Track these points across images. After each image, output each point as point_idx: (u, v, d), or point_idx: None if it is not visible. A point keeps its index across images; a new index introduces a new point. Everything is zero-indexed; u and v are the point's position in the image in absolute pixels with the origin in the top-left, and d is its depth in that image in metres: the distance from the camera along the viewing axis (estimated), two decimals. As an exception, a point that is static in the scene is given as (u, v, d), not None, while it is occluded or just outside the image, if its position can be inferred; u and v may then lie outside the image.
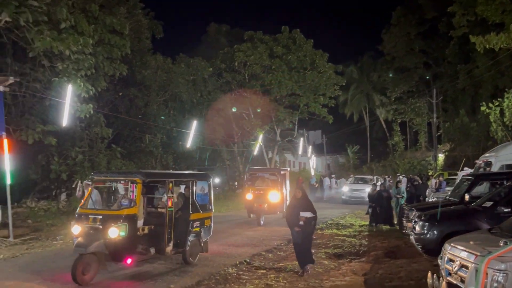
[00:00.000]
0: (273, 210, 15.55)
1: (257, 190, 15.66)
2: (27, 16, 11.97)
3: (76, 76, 13.91)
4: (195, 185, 9.05)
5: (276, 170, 16.52)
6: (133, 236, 7.54)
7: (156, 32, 23.59)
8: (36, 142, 14.66)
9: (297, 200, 8.39)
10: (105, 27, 15.43)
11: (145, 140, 20.97)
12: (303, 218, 8.10)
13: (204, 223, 9.18)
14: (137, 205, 7.69)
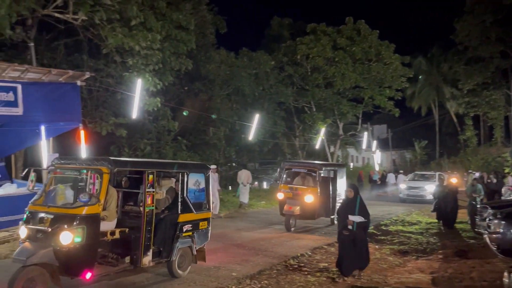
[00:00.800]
0: (308, 215, 12.44)
1: (289, 189, 12.82)
2: (101, 15, 12.72)
3: (145, 71, 14.58)
4: (187, 178, 7.33)
5: (316, 166, 12.88)
6: (94, 243, 5.90)
7: (220, 27, 24.02)
8: (108, 133, 15.59)
9: (348, 201, 7.64)
10: (172, 23, 15.98)
11: (209, 133, 21.50)
12: (351, 222, 7.31)
13: (198, 226, 7.50)
14: (100, 201, 5.98)
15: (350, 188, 7.66)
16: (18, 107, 9.93)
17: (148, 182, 6.55)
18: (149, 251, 6.64)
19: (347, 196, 7.68)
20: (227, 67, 23.11)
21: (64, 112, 11.07)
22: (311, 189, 12.43)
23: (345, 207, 7.58)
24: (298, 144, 30.76)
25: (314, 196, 12.29)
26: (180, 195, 7.25)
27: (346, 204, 7.62)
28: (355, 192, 7.57)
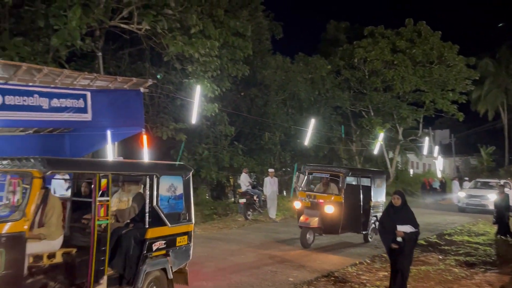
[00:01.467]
0: (330, 228, 10.66)
1: (306, 197, 11.04)
2: (163, 24, 13.26)
3: (204, 77, 14.97)
4: (157, 182, 5.85)
5: (341, 171, 11.06)
6: (18, 272, 4.47)
7: (276, 33, 24.17)
8: (169, 138, 16.16)
9: (394, 210, 6.72)
10: (229, 30, 16.31)
11: (264, 138, 21.63)
12: (401, 233, 6.46)
13: (175, 243, 6.10)
14: (27, 216, 4.53)
15: (397, 195, 6.73)
16: (87, 113, 10.55)
17: (99, 188, 5.10)
18: (103, 278, 5.11)
19: (392, 204, 6.78)
20: (283, 72, 23.17)
21: (129, 117, 11.63)
22: (334, 198, 10.58)
23: (392, 217, 6.71)
24: (355, 150, 30.11)
25: (336, 206, 10.38)
26: (148, 205, 5.79)
27: (392, 213, 6.73)
28: (403, 198, 6.74)
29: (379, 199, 11.87)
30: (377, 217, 11.08)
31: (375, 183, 11.71)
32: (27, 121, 9.86)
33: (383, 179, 12.60)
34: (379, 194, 11.89)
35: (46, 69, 9.80)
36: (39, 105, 9.62)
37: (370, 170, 14.27)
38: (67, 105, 10.15)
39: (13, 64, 9.45)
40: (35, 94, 9.56)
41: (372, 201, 11.39)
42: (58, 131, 13.71)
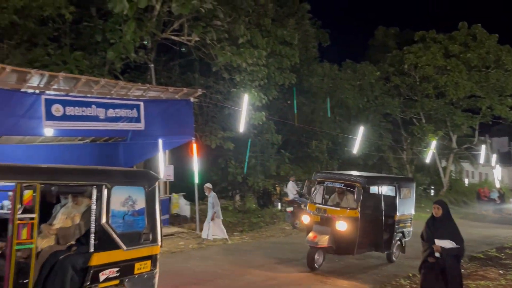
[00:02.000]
0: (344, 248, 8.94)
1: (316, 211, 9.31)
2: (212, 35, 13.61)
3: (251, 86, 15.17)
4: (108, 194, 4.82)
5: (357, 180, 9.14)
6: None
7: (322, 41, 24.06)
8: (217, 146, 16.45)
9: (434, 221, 5.99)
10: (276, 39, 16.45)
11: (311, 146, 21.49)
12: (438, 248, 5.76)
13: (133, 270, 4.99)
14: None
15: (438, 205, 5.98)
16: (140, 123, 11.01)
17: (21, 202, 4.06)
18: None
19: (434, 215, 6.03)
20: (330, 80, 22.98)
21: (179, 126, 12.01)
22: (348, 213, 8.87)
23: (431, 229, 5.96)
24: (406, 158, 29.20)
25: (351, 222, 8.72)
26: (95, 222, 4.70)
27: (432, 225, 5.98)
28: (444, 209, 5.96)
29: (406, 212, 10.15)
30: (403, 233, 9.97)
31: (402, 193, 10.00)
32: (86, 131, 10.44)
33: (412, 188, 10.65)
34: (406, 205, 10.19)
35: (103, 80, 10.33)
36: (97, 115, 10.16)
37: (395, 178, 12.03)
38: (121, 115, 10.64)
39: (73, 76, 10.04)
40: (92, 105, 10.11)
41: (397, 215, 9.70)
42: (113, 140, 14.36)
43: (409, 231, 10.25)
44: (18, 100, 8.95)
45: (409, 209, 10.31)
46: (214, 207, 10.86)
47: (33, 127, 9.24)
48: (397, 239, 9.84)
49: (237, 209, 17.95)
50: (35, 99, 9.19)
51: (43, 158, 12.48)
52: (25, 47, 12.54)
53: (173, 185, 14.20)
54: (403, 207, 9.95)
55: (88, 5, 14.00)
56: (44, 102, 9.28)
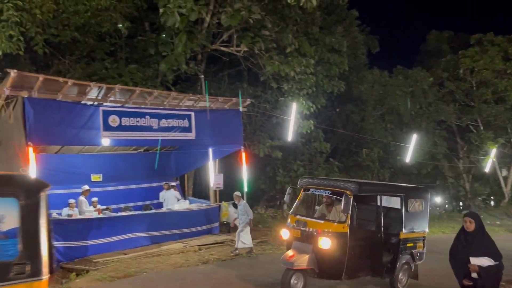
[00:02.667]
0: (328, 272, 7.36)
1: (296, 224, 7.68)
2: (260, 45, 13.78)
3: (299, 95, 15.16)
4: None
5: (347, 187, 7.46)
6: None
7: (372, 47, 23.66)
8: (265, 155, 16.54)
9: (466, 236, 5.19)
10: (324, 46, 16.39)
11: (361, 154, 21.08)
12: (475, 268, 4.98)
13: None
14: None
15: (470, 218, 5.18)
16: (191, 132, 11.32)
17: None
18: None
19: (464, 229, 5.22)
20: (381, 87, 22.51)
21: (229, 135, 12.22)
22: (334, 226, 7.17)
23: (464, 246, 5.18)
24: (462, 167, 27.89)
25: (337, 238, 7.05)
26: None
27: (465, 241, 5.19)
28: (477, 223, 5.15)
29: (417, 229, 8.28)
30: (413, 256, 8.15)
31: (410, 206, 8.19)
32: (140, 140, 10.87)
33: (425, 199, 8.66)
34: (417, 221, 8.34)
35: (156, 92, 10.75)
36: (150, 126, 10.56)
37: (400, 186, 9.19)
38: (173, 125, 11.00)
39: (128, 88, 10.52)
40: (146, 115, 10.53)
41: (403, 232, 7.90)
42: (165, 149, 14.83)
43: (420, 252, 8.34)
44: (78, 112, 9.49)
45: (421, 226, 8.41)
46: (249, 215, 10.68)
47: (92, 137, 9.75)
48: (403, 262, 8.00)
49: (286, 218, 17.89)
50: (94, 110, 9.71)
51: (100, 167, 13.15)
52: (85, 62, 13.32)
53: (223, 193, 14.40)
54: (412, 222, 8.14)
55: (142, 20, 14.66)
56: (102, 114, 9.78)
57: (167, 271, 8.84)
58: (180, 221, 11.39)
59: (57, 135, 9.34)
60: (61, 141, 10.20)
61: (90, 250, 9.69)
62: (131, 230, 10.56)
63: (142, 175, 14.25)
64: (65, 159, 12.89)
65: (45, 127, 8.90)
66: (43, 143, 10.01)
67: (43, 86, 8.83)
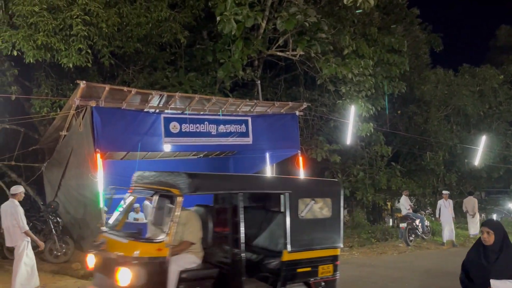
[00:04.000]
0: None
1: (98, 245, 5.29)
2: (316, 48, 13.65)
3: (358, 97, 14.81)
4: None
5: (177, 181, 5.10)
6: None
7: (435, 46, 22.61)
8: (323, 159, 16.31)
9: (485, 252, 3.99)
10: (383, 47, 15.91)
11: (425, 158, 20.17)
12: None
13: None
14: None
15: (488, 228, 3.98)
16: (249, 137, 11.44)
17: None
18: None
19: (482, 241, 4.05)
20: (445, 86, 21.44)
21: (285, 140, 12.20)
22: (142, 249, 4.82)
23: (481, 263, 3.98)
24: (539, 171, 25.76)
25: (146, 270, 4.66)
26: None
27: (483, 258, 3.98)
28: (499, 234, 3.95)
29: (318, 244, 5.92)
30: (310, 287, 5.76)
31: (302, 208, 5.79)
32: (199, 146, 11.14)
33: (334, 198, 6.18)
34: (319, 232, 5.96)
35: (214, 98, 10.99)
36: (209, 131, 10.81)
37: (281, 179, 6.75)
38: (231, 130, 11.18)
39: (188, 96, 10.85)
40: (205, 121, 10.79)
41: (288, 250, 5.56)
42: (224, 154, 15.11)
43: (327, 281, 5.91)
44: (141, 119, 9.93)
45: (328, 239, 5.99)
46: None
47: (154, 144, 10.14)
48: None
49: (345, 224, 17.51)
50: (156, 118, 10.10)
51: (162, 172, 13.61)
52: (147, 72, 13.92)
53: (281, 198, 14.42)
54: (307, 234, 5.78)
55: (200, 29, 15.07)
56: (163, 121, 10.16)
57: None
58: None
59: (122, 141, 9.81)
60: (126, 147, 10.71)
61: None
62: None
63: (202, 180, 14.58)
64: (130, 165, 13.48)
65: (111, 134, 9.38)
66: (109, 150, 10.58)
67: (109, 95, 9.34)
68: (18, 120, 11.72)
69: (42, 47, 10.16)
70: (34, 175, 13.25)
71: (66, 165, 10.63)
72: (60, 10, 10.28)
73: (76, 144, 9.91)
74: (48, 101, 11.97)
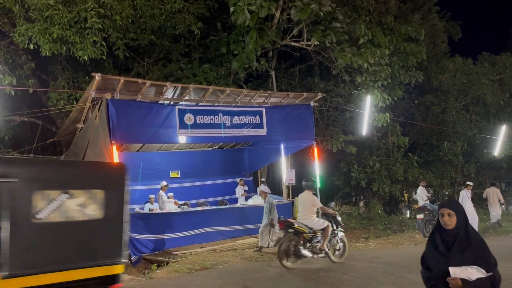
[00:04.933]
0: None
1: None
2: (331, 38, 13.50)
3: (374, 87, 14.63)
4: None
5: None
6: None
7: (453, 34, 22.13)
8: (339, 150, 16.20)
9: (444, 237, 3.46)
10: (400, 36, 15.64)
11: (443, 148, 19.86)
12: (458, 283, 3.27)
13: None
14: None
15: (449, 209, 3.44)
16: (263, 128, 11.40)
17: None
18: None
19: (441, 226, 3.50)
20: (464, 76, 20.98)
21: (300, 131, 12.13)
22: None
23: (441, 250, 3.47)
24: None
25: None
26: None
27: (442, 244, 3.47)
28: (461, 216, 3.44)
29: (87, 261, 4.15)
30: None
31: (34, 208, 3.86)
32: (214, 137, 11.15)
33: (106, 192, 4.32)
34: (77, 245, 4.14)
35: (228, 90, 10.97)
36: (223, 123, 10.81)
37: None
38: (245, 121, 11.16)
39: (202, 87, 10.85)
40: (219, 113, 10.78)
41: (1, 276, 3.65)
42: (239, 146, 15.13)
43: None
44: (156, 111, 9.97)
45: (91, 253, 4.22)
46: (272, 215, 10.31)
47: (170, 135, 10.19)
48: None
49: (362, 215, 17.40)
50: (171, 109, 10.14)
51: (177, 164, 13.75)
52: (162, 64, 13.97)
53: (295, 189, 14.36)
54: (44, 248, 3.94)
55: (214, 21, 15.04)
56: (178, 112, 10.18)
57: (243, 264, 8.98)
58: (254, 216, 11.53)
59: (138, 133, 9.88)
60: (142, 139, 10.80)
61: (170, 243, 10.16)
62: (207, 224, 10.91)
63: (217, 171, 14.69)
64: (146, 157, 13.67)
65: (127, 126, 9.45)
66: (125, 142, 10.68)
67: (124, 87, 9.40)
68: (36, 113, 11.91)
69: (57, 40, 10.27)
70: (52, 168, 13.46)
71: (83, 157, 10.76)
72: (75, 3, 10.37)
73: (92, 137, 10.03)
74: (64, 94, 12.13)
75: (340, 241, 9.21)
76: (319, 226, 8.75)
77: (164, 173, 13.65)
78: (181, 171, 14.11)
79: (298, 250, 8.44)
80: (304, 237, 8.56)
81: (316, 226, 8.74)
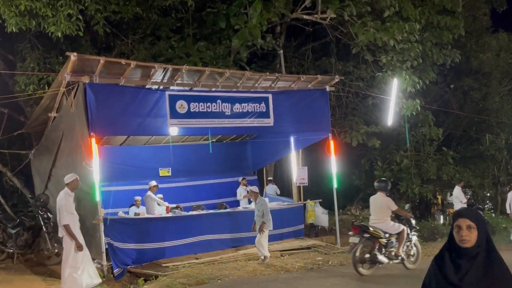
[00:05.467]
0: None
1: None
2: (351, 10, 13.45)
3: (401, 68, 14.56)
4: None
5: None
6: None
7: (496, 5, 21.96)
8: (359, 144, 16.17)
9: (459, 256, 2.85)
10: (433, 7, 15.51)
11: (484, 141, 19.81)
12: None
13: None
14: None
15: (468, 220, 2.85)
16: (269, 118, 11.37)
17: None
18: None
19: (454, 242, 2.91)
20: (509, 55, 20.89)
21: (313, 121, 12.09)
22: None
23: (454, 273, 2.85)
24: None
25: None
26: None
27: (452, 268, 2.87)
28: (481, 231, 2.85)
29: None
30: None
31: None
32: (211, 129, 11.11)
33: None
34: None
35: (228, 72, 10.94)
36: (222, 111, 10.79)
37: None
38: (248, 109, 11.13)
39: (197, 69, 10.84)
40: (218, 99, 10.77)
41: None
42: (241, 138, 15.12)
43: None
44: (143, 97, 9.96)
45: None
46: (264, 216, 10.31)
47: (159, 126, 10.19)
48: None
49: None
50: (160, 96, 10.13)
51: (168, 160, 13.76)
52: (149, 41, 13.95)
53: (308, 190, 14.36)
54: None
55: (211, -11, 15.00)
56: (168, 99, 10.16)
57: (245, 279, 9.00)
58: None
59: (121, 124, 9.88)
60: (125, 131, 10.81)
61: (159, 253, 10.18)
62: (203, 231, 10.92)
63: (215, 169, 14.71)
64: (131, 152, 13.71)
65: (108, 116, 9.46)
66: (106, 134, 10.70)
67: (105, 69, 9.40)
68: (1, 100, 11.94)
69: (25, 14, 10.29)
70: (21, 164, 13.56)
71: (56, 152, 10.81)
72: (46, -31, 10.36)
73: (67, 128, 10.05)
74: (34, 77, 12.14)
75: (414, 246, 9.78)
76: (395, 230, 9.28)
77: (153, 171, 13.68)
78: (172, 168, 14.15)
79: (374, 256, 8.93)
80: (380, 242, 9.05)
81: (392, 231, 9.26)
